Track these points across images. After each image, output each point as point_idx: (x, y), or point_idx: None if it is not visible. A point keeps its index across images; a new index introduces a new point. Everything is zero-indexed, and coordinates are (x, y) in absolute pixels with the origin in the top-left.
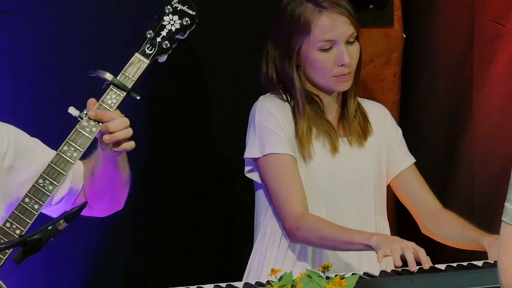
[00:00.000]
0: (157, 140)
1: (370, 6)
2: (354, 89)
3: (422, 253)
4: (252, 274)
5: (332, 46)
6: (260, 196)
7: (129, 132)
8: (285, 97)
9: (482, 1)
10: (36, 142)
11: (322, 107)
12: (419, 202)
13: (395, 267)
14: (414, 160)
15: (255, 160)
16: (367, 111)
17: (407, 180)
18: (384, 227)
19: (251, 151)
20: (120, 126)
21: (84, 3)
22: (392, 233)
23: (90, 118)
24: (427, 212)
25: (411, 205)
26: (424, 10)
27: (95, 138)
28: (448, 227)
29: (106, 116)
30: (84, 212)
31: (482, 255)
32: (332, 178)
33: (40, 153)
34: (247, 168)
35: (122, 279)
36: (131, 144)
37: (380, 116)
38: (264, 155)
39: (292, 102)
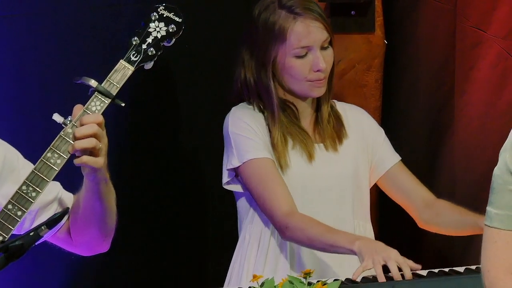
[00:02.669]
0: (134, 148)
1: (352, 12)
2: (327, 94)
3: (405, 268)
4: (233, 280)
5: (307, 52)
6: (241, 205)
7: (91, 142)
8: (257, 107)
9: (463, 7)
10: (25, 164)
11: (297, 114)
12: (413, 196)
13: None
14: (400, 158)
15: (235, 169)
16: (345, 115)
17: (396, 176)
18: (365, 230)
19: (231, 161)
20: (81, 133)
21: (67, 9)
22: (374, 232)
23: (74, 125)
24: (422, 204)
25: (404, 200)
26: (406, 17)
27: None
28: (446, 215)
29: (86, 120)
30: (66, 246)
31: (463, 260)
32: (309, 184)
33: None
34: (225, 180)
35: (104, 286)
36: (92, 160)
37: (358, 120)
38: (244, 163)
39: (266, 112)
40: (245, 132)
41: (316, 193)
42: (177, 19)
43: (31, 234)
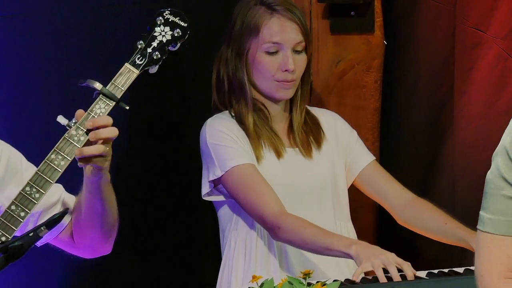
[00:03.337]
0: (134, 150)
1: (351, 12)
2: (299, 100)
3: (406, 267)
4: (223, 286)
5: (278, 50)
6: (222, 213)
7: (99, 148)
8: (232, 112)
9: (463, 8)
10: (28, 166)
11: (269, 116)
12: (388, 195)
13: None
14: (374, 158)
15: (216, 180)
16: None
17: (370, 176)
18: (347, 230)
19: (214, 172)
20: (106, 134)
21: (67, 10)
22: (372, 234)
23: (79, 127)
24: (399, 202)
25: (380, 199)
26: (405, 17)
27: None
28: (428, 219)
29: (99, 121)
30: (69, 249)
31: (462, 261)
32: (286, 187)
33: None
34: (205, 191)
35: (103, 286)
36: (99, 159)
37: (331, 123)
38: (226, 171)
39: (238, 107)
40: (224, 141)
41: (297, 198)
42: (182, 23)
43: (30, 234)
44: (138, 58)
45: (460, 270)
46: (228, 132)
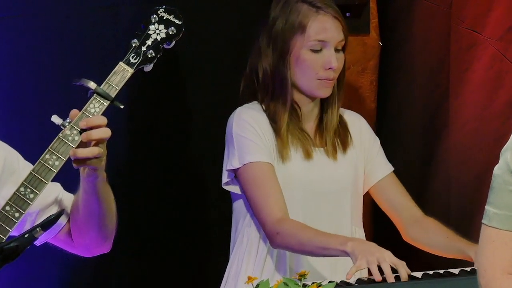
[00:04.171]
0: (133, 150)
1: (347, 14)
2: (336, 100)
3: (401, 267)
4: (229, 284)
5: (322, 48)
6: (237, 206)
7: (93, 151)
8: (263, 105)
9: (459, 9)
10: (26, 166)
11: (300, 115)
12: (400, 209)
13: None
14: (393, 169)
15: (235, 171)
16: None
17: (386, 188)
18: (360, 236)
19: (232, 162)
20: (99, 135)
21: (65, 11)
22: (369, 236)
23: (73, 127)
24: (409, 219)
25: (392, 212)
26: (401, 18)
27: None
28: (432, 235)
29: (93, 121)
30: (67, 248)
31: (458, 262)
32: (307, 187)
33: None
34: (224, 180)
35: (100, 287)
36: (94, 160)
37: (357, 126)
38: (244, 165)
39: (274, 104)
40: (249, 134)
41: (315, 196)
42: (177, 21)
43: (26, 235)
44: (132, 57)
45: (456, 271)
46: (255, 126)
